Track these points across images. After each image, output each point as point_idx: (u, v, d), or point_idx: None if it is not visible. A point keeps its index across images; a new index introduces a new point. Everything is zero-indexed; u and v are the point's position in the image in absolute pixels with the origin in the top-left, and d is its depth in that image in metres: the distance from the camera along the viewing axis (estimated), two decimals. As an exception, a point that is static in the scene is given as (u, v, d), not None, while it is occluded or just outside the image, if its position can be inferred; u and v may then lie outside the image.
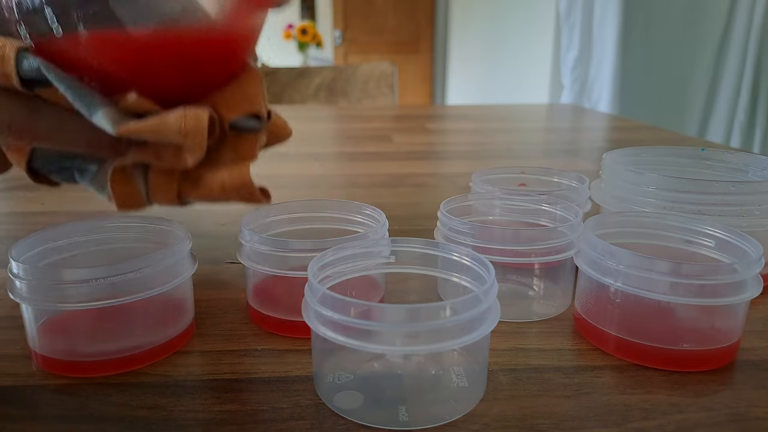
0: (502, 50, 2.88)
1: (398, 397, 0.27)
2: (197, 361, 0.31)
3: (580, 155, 0.90)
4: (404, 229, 0.52)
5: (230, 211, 0.58)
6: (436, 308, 0.24)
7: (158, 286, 0.30)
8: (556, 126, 1.26)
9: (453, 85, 3.81)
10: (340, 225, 0.38)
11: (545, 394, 0.28)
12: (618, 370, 0.30)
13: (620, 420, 0.26)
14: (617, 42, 1.85)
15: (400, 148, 0.92)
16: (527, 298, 0.38)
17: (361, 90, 1.50)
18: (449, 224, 0.35)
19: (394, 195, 0.64)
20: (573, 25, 2.01)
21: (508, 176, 0.48)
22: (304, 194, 0.65)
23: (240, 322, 0.35)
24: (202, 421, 0.26)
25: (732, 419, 0.26)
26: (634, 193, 0.40)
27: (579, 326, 0.34)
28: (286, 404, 0.27)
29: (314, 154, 0.88)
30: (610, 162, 0.43)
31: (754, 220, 0.37)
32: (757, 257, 0.29)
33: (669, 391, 0.28)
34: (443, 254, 0.31)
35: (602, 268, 0.31)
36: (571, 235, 0.34)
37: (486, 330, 0.25)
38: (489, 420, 0.26)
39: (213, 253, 0.45)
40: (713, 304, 0.29)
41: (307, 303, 0.26)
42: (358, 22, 4.06)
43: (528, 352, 0.31)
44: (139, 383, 0.29)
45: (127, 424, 0.25)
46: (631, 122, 1.23)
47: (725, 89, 1.88)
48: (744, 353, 0.31)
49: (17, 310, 0.31)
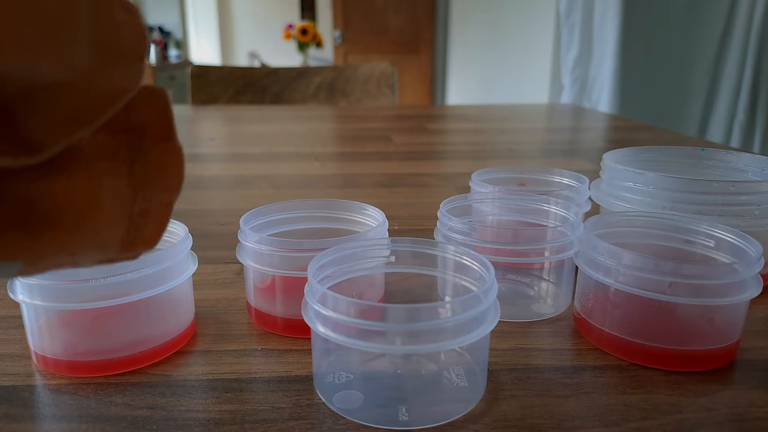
0: (502, 50, 2.88)
1: (398, 397, 0.27)
2: (197, 361, 0.31)
3: (580, 155, 0.90)
4: (404, 229, 0.52)
5: (230, 211, 0.58)
6: (436, 308, 0.24)
7: (158, 286, 0.30)
8: (556, 126, 1.26)
9: (453, 85, 3.81)
10: (340, 225, 0.38)
11: (545, 394, 0.28)
12: (618, 370, 0.30)
13: (620, 420, 0.26)
14: (617, 42, 1.85)
15: (400, 148, 0.92)
16: (527, 298, 0.38)
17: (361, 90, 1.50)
18: (449, 224, 0.35)
19: (394, 195, 0.64)
20: (573, 25, 2.01)
21: (508, 176, 0.48)
22: (304, 194, 0.65)
23: (240, 322, 0.35)
24: (202, 420, 0.26)
25: (732, 419, 0.26)
26: (634, 193, 0.40)
27: (579, 326, 0.34)
28: (286, 404, 0.27)
29: (314, 154, 0.88)
30: (610, 162, 0.43)
31: (754, 220, 0.37)
32: (757, 257, 0.29)
33: (669, 391, 0.28)
34: (443, 254, 0.31)
35: (602, 268, 0.31)
36: (571, 235, 0.34)
37: (486, 330, 0.25)
38: (489, 420, 0.26)
39: (213, 253, 0.45)
40: (713, 304, 0.29)
41: (307, 303, 0.26)
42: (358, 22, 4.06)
43: (528, 352, 0.31)
44: (139, 383, 0.29)
45: (128, 423, 0.25)
46: (631, 122, 1.23)
47: (725, 89, 1.88)
48: (744, 353, 0.31)
49: (17, 310, 0.31)
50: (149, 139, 0.14)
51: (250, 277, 0.34)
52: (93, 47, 0.11)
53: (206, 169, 0.79)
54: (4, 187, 0.12)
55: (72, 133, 0.12)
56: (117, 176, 0.14)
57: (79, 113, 0.12)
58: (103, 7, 0.12)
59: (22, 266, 0.13)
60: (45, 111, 0.12)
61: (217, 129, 1.16)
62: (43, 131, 0.12)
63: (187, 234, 0.33)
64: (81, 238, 0.13)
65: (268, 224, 0.37)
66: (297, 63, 3.35)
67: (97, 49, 0.12)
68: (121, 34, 0.12)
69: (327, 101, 1.52)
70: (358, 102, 1.51)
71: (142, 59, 0.13)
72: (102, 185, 0.13)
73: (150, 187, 0.15)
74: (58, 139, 0.12)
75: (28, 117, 0.11)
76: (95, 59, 0.12)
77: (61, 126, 0.12)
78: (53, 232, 0.13)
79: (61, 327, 0.30)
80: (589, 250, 0.32)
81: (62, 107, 0.12)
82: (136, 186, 0.14)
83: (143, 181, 0.14)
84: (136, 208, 0.14)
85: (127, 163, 0.14)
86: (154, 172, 0.14)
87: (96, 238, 0.14)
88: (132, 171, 0.14)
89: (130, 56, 0.12)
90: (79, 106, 0.12)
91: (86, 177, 0.13)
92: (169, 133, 0.15)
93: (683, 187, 0.38)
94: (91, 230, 0.13)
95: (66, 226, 0.13)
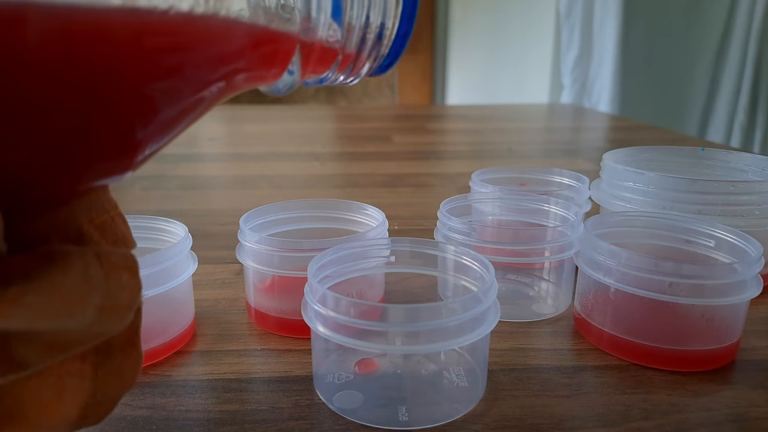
0: (502, 50, 2.87)
1: (398, 397, 0.27)
2: (197, 361, 0.31)
3: (580, 155, 0.90)
4: (404, 229, 0.52)
5: (230, 211, 0.58)
6: (436, 308, 0.24)
7: (158, 286, 0.30)
8: (556, 126, 1.26)
9: (453, 85, 3.81)
10: (340, 225, 0.38)
11: (545, 394, 0.28)
12: (618, 370, 0.30)
13: (620, 420, 0.26)
14: (617, 42, 1.85)
15: (400, 148, 0.92)
16: (527, 298, 0.38)
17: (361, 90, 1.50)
18: (449, 224, 0.35)
19: (394, 195, 0.64)
20: (573, 25, 2.01)
21: (508, 176, 0.48)
22: (304, 194, 0.65)
23: (240, 322, 0.35)
24: (202, 420, 0.26)
25: (732, 419, 0.26)
26: (634, 193, 0.40)
27: (579, 326, 0.34)
28: (286, 404, 0.27)
29: (314, 154, 0.88)
30: (610, 162, 0.43)
31: (754, 220, 0.37)
32: (757, 257, 0.29)
33: (669, 391, 0.28)
34: (443, 254, 0.31)
35: (602, 268, 0.31)
36: (571, 235, 0.34)
37: (486, 330, 0.25)
38: (489, 420, 0.26)
39: (213, 253, 0.45)
40: (713, 304, 0.29)
41: (306, 303, 0.26)
42: (358, 22, 4.06)
43: (528, 352, 0.31)
44: (139, 383, 0.29)
45: (127, 423, 0.25)
46: (631, 122, 1.23)
47: (725, 89, 1.88)
48: (744, 353, 0.31)
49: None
50: (116, 346, 0.16)
51: (249, 277, 0.34)
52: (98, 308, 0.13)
53: (206, 169, 0.79)
54: None
55: (56, 357, 0.14)
56: (82, 377, 0.15)
57: (67, 345, 0.14)
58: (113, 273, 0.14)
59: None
60: (36, 342, 0.13)
61: (217, 129, 1.16)
62: (31, 355, 0.13)
63: (187, 234, 0.33)
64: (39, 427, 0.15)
65: (267, 224, 0.37)
66: (297, 63, 3.34)
67: (102, 308, 0.13)
68: (121, 292, 0.14)
69: (327, 101, 1.52)
70: (358, 102, 1.51)
71: (133, 308, 0.15)
72: (68, 386, 0.15)
73: (108, 385, 0.16)
74: (43, 361, 0.13)
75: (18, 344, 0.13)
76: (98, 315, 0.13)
77: (48, 352, 0.13)
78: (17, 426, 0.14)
79: (61, 327, 0.30)
80: (589, 250, 0.32)
81: (53, 341, 0.13)
82: (96, 386, 0.16)
83: (104, 382, 0.16)
84: (91, 402, 0.16)
85: (93, 367, 0.16)
86: (114, 375, 0.16)
87: (52, 427, 0.15)
88: (96, 374, 0.16)
89: (125, 310, 0.14)
90: (67, 339, 0.14)
91: (56, 378, 0.15)
92: (135, 339, 0.17)
93: (683, 187, 0.38)
94: (49, 421, 0.15)
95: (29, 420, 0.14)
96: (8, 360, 0.13)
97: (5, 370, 0.13)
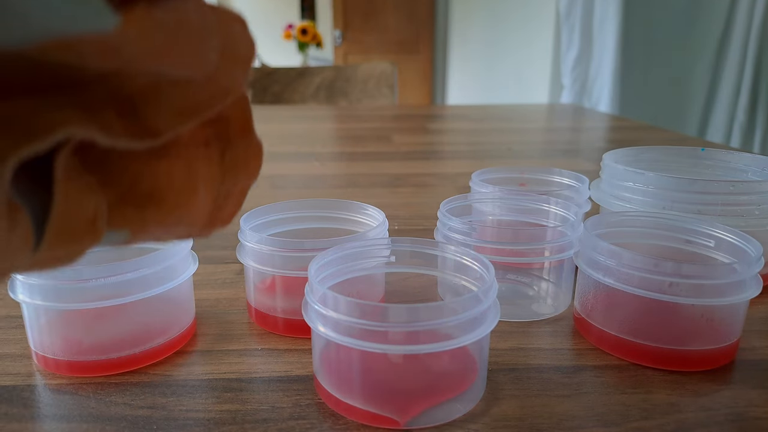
0: (502, 50, 2.87)
1: (398, 396, 0.27)
2: (197, 361, 0.31)
3: (580, 155, 0.90)
4: (404, 229, 0.52)
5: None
6: (436, 308, 0.24)
7: (158, 286, 0.30)
8: (556, 126, 1.26)
9: (453, 85, 3.81)
10: (340, 225, 0.38)
11: (545, 393, 0.28)
12: (618, 370, 0.30)
13: (620, 420, 0.26)
14: (617, 42, 1.85)
15: (400, 148, 0.92)
16: (527, 298, 0.38)
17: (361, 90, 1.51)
18: (449, 224, 0.35)
19: (394, 195, 0.64)
20: (573, 25, 2.01)
21: (508, 176, 0.48)
22: (304, 194, 0.65)
23: (240, 322, 0.35)
24: (202, 420, 0.26)
25: (731, 419, 0.26)
26: (634, 193, 0.40)
27: (579, 326, 0.34)
28: (286, 404, 0.27)
29: (314, 154, 0.88)
30: (610, 162, 0.43)
31: (754, 220, 0.37)
32: (757, 257, 0.29)
33: (669, 391, 0.28)
34: (443, 254, 0.31)
35: (602, 268, 0.31)
36: (571, 234, 0.34)
37: (486, 330, 0.25)
38: (489, 420, 0.26)
39: (213, 253, 0.45)
40: (713, 304, 0.29)
41: (307, 303, 0.26)
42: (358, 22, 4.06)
43: (528, 352, 0.31)
44: (139, 383, 0.29)
45: (128, 423, 0.25)
46: (631, 122, 1.23)
47: (725, 89, 1.88)
48: (744, 353, 0.31)
49: (18, 310, 0.31)
50: (234, 132, 0.16)
51: (250, 277, 0.34)
52: (219, 53, 0.14)
53: (206, 169, 0.79)
54: (116, 166, 0.14)
55: (185, 123, 0.14)
56: (210, 162, 0.16)
57: (195, 106, 0.14)
58: (224, 21, 0.14)
59: (128, 236, 0.14)
60: (166, 103, 0.13)
61: (217, 129, 1.15)
62: (162, 120, 0.13)
63: (188, 234, 0.32)
64: (178, 215, 0.15)
65: (268, 224, 0.37)
66: (297, 63, 3.35)
67: (223, 54, 0.14)
68: (238, 42, 0.14)
69: (327, 101, 1.52)
70: (358, 102, 1.51)
71: (251, 64, 0.15)
72: (198, 169, 0.15)
73: (236, 174, 0.16)
74: (174, 128, 0.13)
75: (150, 107, 0.13)
76: (220, 62, 0.14)
77: (177, 116, 0.13)
78: (156, 207, 0.15)
79: (62, 327, 0.30)
80: (589, 250, 0.32)
81: (181, 100, 0.13)
82: (225, 172, 0.16)
83: (231, 168, 0.16)
84: (222, 191, 0.16)
85: (219, 151, 0.16)
86: (240, 161, 0.16)
87: (188, 216, 0.16)
88: (223, 159, 0.16)
89: (244, 60, 0.15)
90: (195, 100, 0.14)
91: (185, 162, 0.15)
92: (250, 127, 0.17)
93: (683, 187, 0.38)
94: (187, 208, 0.15)
95: (167, 202, 0.15)
96: (141, 127, 0.13)
97: (139, 136, 0.13)
